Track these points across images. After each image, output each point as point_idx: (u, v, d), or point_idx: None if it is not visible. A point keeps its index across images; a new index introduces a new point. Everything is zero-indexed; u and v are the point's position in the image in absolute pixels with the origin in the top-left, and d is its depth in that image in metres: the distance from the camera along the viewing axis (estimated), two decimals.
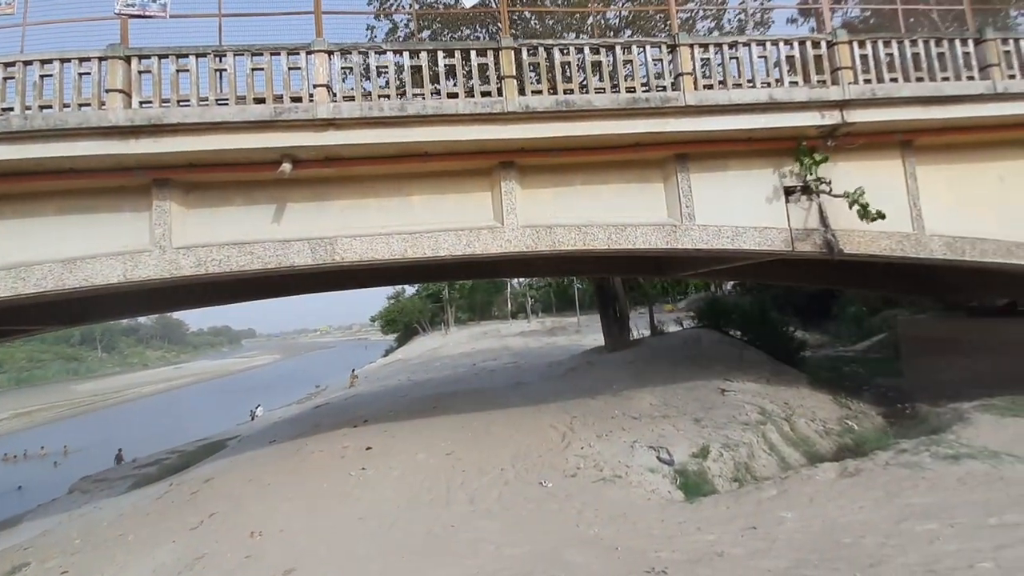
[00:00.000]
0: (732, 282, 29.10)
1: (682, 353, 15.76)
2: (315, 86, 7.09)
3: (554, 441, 9.71)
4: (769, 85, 8.02)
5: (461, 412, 12.45)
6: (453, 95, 7.40)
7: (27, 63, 6.73)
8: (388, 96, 7.28)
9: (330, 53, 7.27)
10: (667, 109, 7.67)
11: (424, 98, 7.30)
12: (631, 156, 8.17)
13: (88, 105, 6.70)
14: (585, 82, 7.89)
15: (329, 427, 12.55)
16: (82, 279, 6.90)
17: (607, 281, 20.33)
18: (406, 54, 7.56)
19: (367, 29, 14.81)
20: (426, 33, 14.23)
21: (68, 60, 6.77)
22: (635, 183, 8.34)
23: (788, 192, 8.34)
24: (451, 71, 7.67)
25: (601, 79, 7.79)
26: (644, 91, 7.77)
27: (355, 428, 11.88)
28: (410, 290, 63.62)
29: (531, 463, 8.73)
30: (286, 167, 7.08)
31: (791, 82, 8.08)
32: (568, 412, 11.38)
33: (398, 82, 7.39)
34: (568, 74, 7.78)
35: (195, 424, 31.89)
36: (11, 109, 6.61)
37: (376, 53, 7.45)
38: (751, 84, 7.99)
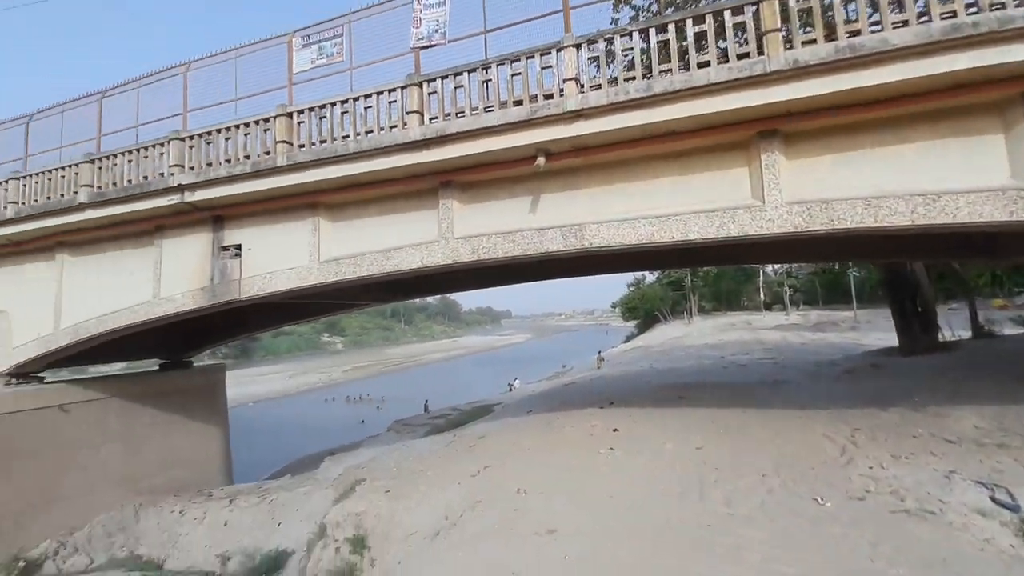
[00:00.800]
0: None
1: None
2: (564, 80, 7.44)
3: (830, 454, 8.31)
4: None
5: (709, 406, 11.69)
6: (703, 64, 6.87)
7: (355, 99, 8.80)
8: (634, 78, 7.18)
9: (577, 46, 7.52)
10: (1009, 32, 5.63)
11: (671, 73, 6.97)
12: (945, 103, 6.29)
13: (396, 127, 8.43)
14: (877, 18, 6.37)
15: (577, 405, 13.29)
16: (394, 265, 8.84)
17: (902, 267, 16.34)
18: (652, 31, 7.29)
19: (612, 23, 14.84)
20: (670, 10, 13.55)
21: (382, 92, 8.61)
22: (952, 137, 6.41)
23: None
24: (700, 39, 7.11)
25: (901, 9, 6.18)
26: (971, 14, 5.87)
27: (601, 409, 12.29)
28: (650, 277, 62.55)
29: (799, 474, 7.65)
30: (540, 161, 7.67)
31: None
32: (847, 422, 9.59)
33: (643, 62, 7.22)
34: (851, 14, 6.40)
35: (469, 388, 38.62)
36: (348, 136, 8.77)
37: (621, 36, 7.42)
38: None
